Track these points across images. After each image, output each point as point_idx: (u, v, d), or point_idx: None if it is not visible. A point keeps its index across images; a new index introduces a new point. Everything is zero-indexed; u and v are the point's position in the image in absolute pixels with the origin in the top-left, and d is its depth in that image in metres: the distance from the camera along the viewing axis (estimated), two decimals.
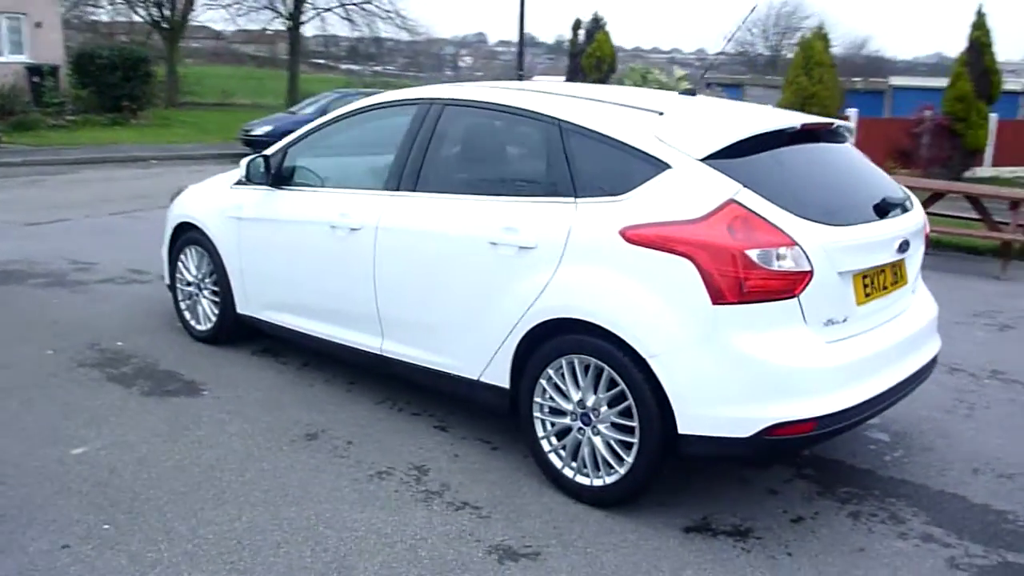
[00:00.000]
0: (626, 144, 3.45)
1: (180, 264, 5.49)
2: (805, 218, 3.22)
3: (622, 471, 3.41)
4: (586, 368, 3.46)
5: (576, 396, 3.51)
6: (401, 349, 4.20)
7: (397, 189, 4.16)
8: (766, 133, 3.46)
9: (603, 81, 13.53)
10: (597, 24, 13.42)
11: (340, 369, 4.97)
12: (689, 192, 3.27)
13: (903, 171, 16.20)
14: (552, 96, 3.85)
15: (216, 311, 5.29)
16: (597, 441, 3.47)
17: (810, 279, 3.14)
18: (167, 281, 5.72)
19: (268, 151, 4.90)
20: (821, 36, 15.59)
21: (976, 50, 17.48)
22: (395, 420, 4.35)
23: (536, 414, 3.66)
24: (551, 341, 3.56)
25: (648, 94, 4.02)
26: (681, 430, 3.22)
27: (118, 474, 3.67)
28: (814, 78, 15.42)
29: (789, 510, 3.58)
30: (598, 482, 3.49)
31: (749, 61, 57.88)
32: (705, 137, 3.38)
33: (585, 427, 3.50)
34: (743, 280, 3.08)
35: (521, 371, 3.69)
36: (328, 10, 33.90)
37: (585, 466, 3.53)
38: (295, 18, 33.15)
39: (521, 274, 3.60)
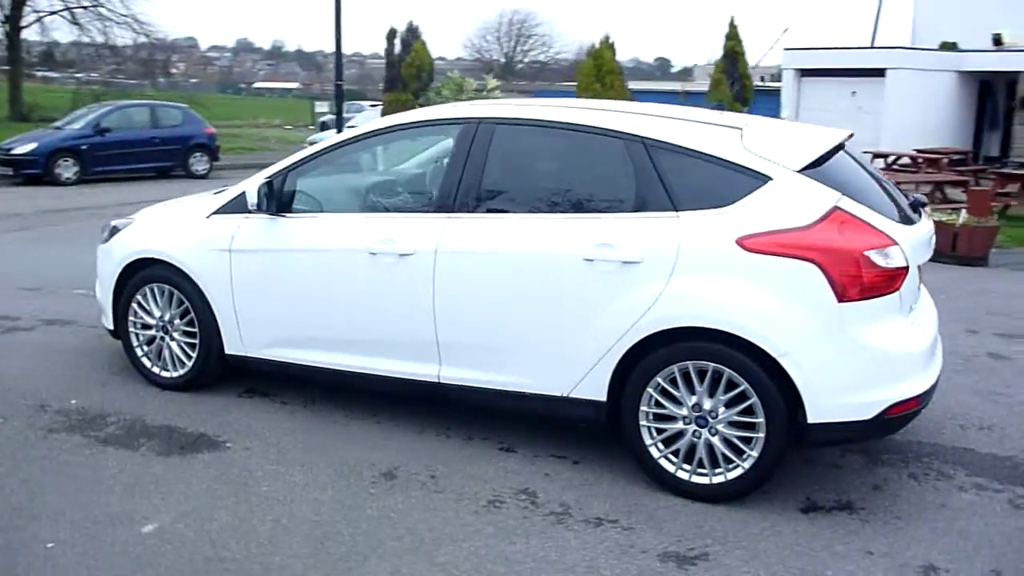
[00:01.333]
0: (723, 159, 3.66)
1: (135, 306, 4.88)
2: (888, 218, 3.63)
3: (746, 466, 3.62)
4: (700, 373, 3.63)
5: (691, 401, 3.67)
6: (465, 374, 4.10)
7: (452, 211, 4.06)
8: (835, 146, 3.84)
9: (423, 90, 13.62)
10: (414, 34, 13.47)
11: (352, 403, 4.70)
12: (795, 201, 3.55)
13: None
14: (623, 114, 3.97)
15: (194, 354, 4.77)
16: (715, 441, 3.66)
17: (907, 274, 3.55)
18: (108, 326, 5.06)
19: (264, 175, 4.53)
20: (609, 46, 16.75)
21: (731, 58, 19.65)
22: (455, 448, 4.23)
23: (643, 422, 3.77)
24: (661, 350, 3.68)
25: (694, 111, 4.24)
26: (810, 420, 3.50)
27: (222, 547, 3.28)
28: (607, 85, 16.55)
29: (864, 480, 3.99)
30: (718, 479, 3.68)
31: (485, 66, 60.13)
32: (797, 151, 3.68)
33: (701, 429, 3.67)
34: (864, 279, 3.43)
35: (622, 383, 3.78)
36: (53, 13, 30.51)
37: (702, 466, 3.70)
38: (13, 22, 29.51)
39: (625, 288, 3.69)
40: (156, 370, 4.92)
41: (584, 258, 3.75)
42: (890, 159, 19.20)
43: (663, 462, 3.77)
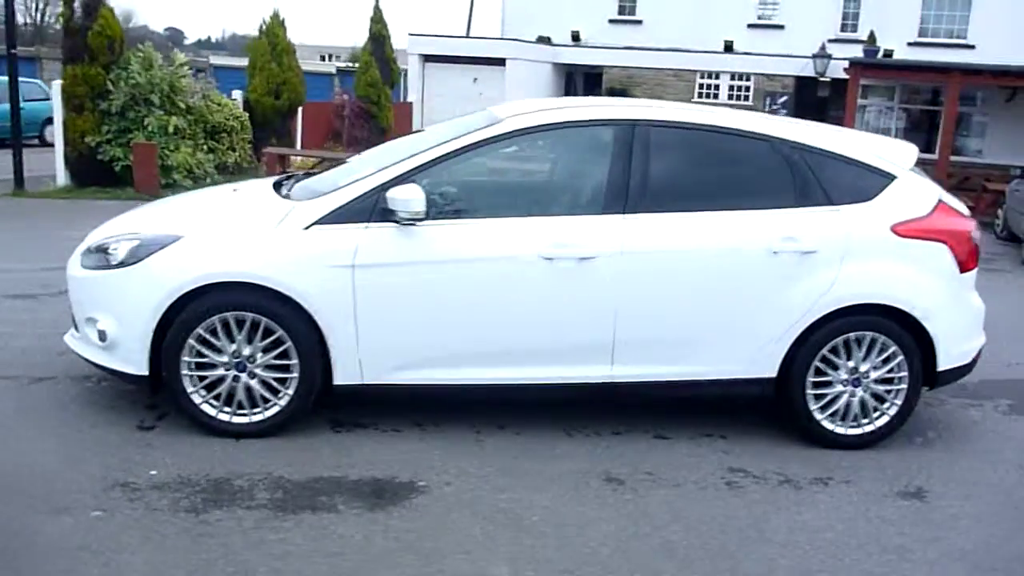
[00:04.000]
0: (861, 161, 4.34)
1: (194, 342, 3.95)
2: None
3: (891, 413, 4.39)
4: (858, 342, 4.30)
5: (851, 365, 4.31)
6: (639, 370, 4.22)
7: (624, 212, 4.11)
8: None
9: (115, 63, 11.66)
10: None
11: (467, 417, 4.42)
12: (916, 194, 4.38)
13: (339, 148, 17.96)
14: (769, 120, 4.40)
15: (289, 391, 4.05)
16: (867, 396, 4.36)
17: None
18: (140, 371, 4.01)
19: (383, 176, 4.02)
20: (281, 23, 15.96)
21: (379, 42, 20.00)
22: (622, 444, 4.30)
23: (809, 391, 4.32)
24: (828, 326, 4.24)
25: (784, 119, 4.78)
26: (940, 368, 4.39)
27: None
28: (284, 65, 15.83)
29: (921, 411, 4.96)
30: (869, 428, 4.39)
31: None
32: (904, 153, 4.50)
33: (856, 388, 4.35)
34: (972, 253, 4.40)
35: (792, 359, 4.28)
36: None
37: (854, 420, 4.38)
38: None
39: (804, 276, 4.18)
40: (224, 417, 4.05)
41: (770, 250, 4.15)
42: None
43: (824, 422, 4.36)
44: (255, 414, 4.07)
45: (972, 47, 21.58)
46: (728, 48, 25.06)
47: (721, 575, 3.20)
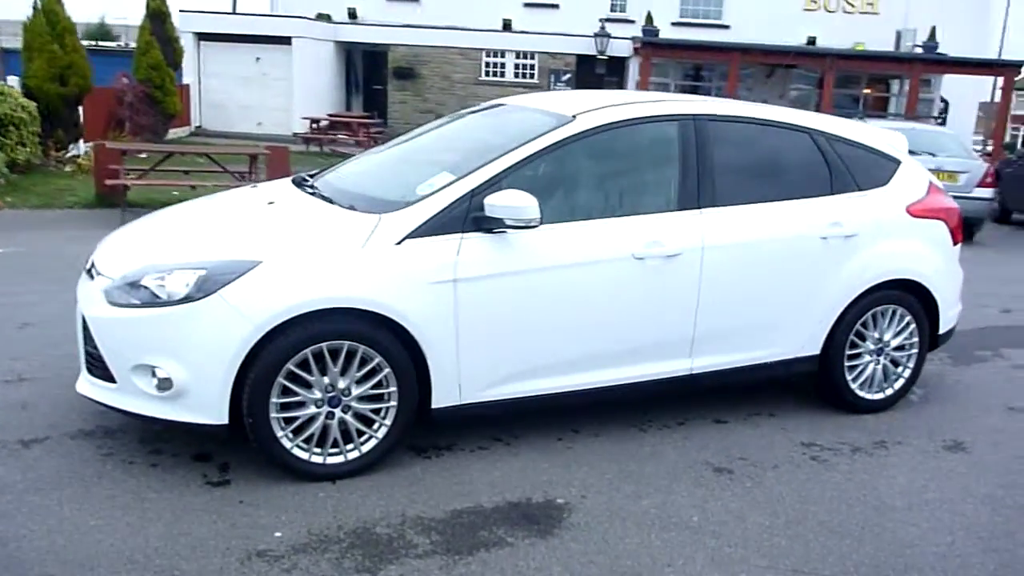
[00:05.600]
0: (876, 148, 4.74)
1: (283, 381, 3.50)
2: None
3: (905, 375, 4.87)
4: (882, 314, 4.71)
5: (876, 336, 4.72)
6: (715, 360, 4.34)
7: (700, 206, 4.19)
8: None
9: None
10: None
11: (542, 425, 4.32)
12: (915, 178, 4.86)
13: (124, 137, 16.43)
14: (803, 112, 4.66)
15: (387, 422, 3.72)
16: (887, 363, 4.81)
17: None
18: (218, 420, 3.49)
19: (469, 183, 3.77)
20: (58, 0, 14.03)
21: (158, 20, 18.25)
22: (691, 433, 4.41)
23: (846, 363, 4.68)
24: (861, 303, 4.61)
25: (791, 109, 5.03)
26: (940, 331, 4.93)
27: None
28: (68, 47, 14.01)
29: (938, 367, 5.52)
30: (889, 392, 4.85)
31: None
32: (900, 141, 4.95)
33: (879, 357, 4.77)
34: (960, 228, 4.96)
35: (833, 335, 4.61)
36: None
37: (878, 385, 4.81)
38: None
39: (847, 257, 4.50)
40: (318, 459, 3.65)
41: (820, 236, 4.42)
42: (322, 123, 20.58)
43: (857, 390, 4.75)
44: (350, 451, 3.70)
45: (727, 27, 23.78)
46: (507, 27, 25.60)
47: (889, 545, 3.42)
